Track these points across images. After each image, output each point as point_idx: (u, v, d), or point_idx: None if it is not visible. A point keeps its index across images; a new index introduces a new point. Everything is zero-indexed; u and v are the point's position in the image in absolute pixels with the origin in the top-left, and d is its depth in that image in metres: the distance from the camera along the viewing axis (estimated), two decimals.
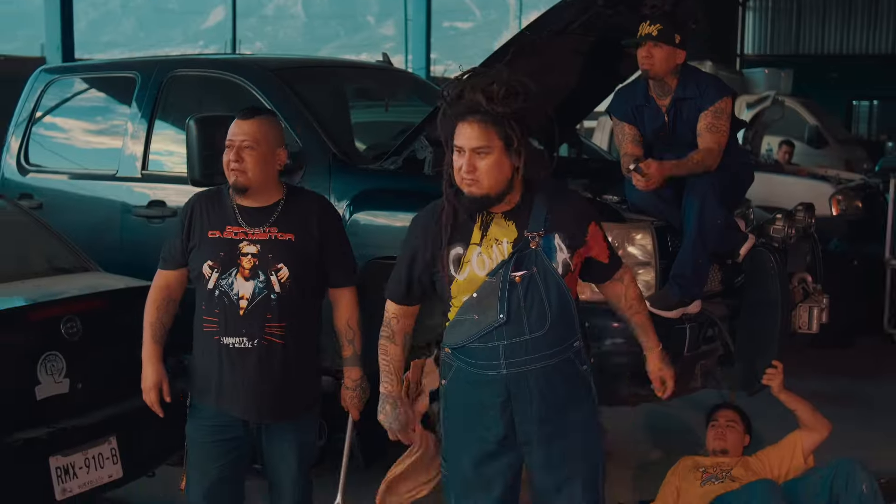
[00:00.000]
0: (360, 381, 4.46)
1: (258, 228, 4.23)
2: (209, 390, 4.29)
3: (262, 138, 4.21)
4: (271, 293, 4.19)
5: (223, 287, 4.19)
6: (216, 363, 4.24)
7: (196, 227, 4.29)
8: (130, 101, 6.86)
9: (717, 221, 5.25)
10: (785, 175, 12.08)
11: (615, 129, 5.68)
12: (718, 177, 5.29)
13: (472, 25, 48.53)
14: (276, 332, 4.20)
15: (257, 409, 4.27)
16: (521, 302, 3.72)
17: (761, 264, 5.46)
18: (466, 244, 3.76)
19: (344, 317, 4.39)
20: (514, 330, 3.73)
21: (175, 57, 7.37)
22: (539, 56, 5.55)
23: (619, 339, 4.96)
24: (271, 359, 4.21)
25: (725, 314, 5.51)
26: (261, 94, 6.18)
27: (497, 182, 3.66)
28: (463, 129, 3.63)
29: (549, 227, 3.74)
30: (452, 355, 3.87)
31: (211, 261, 4.22)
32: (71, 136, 7.54)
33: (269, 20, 56.66)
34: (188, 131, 5.59)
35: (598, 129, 14.26)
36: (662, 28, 5.28)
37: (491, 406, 3.81)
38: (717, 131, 5.30)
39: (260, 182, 4.22)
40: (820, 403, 5.47)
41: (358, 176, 5.78)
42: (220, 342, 4.21)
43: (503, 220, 3.75)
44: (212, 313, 4.22)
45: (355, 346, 4.41)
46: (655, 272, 5.18)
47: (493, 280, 3.72)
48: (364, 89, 7.51)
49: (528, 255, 3.72)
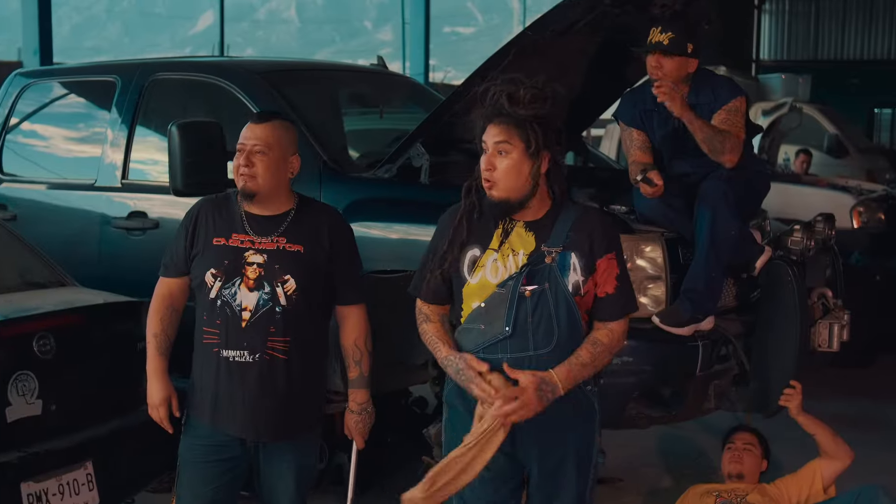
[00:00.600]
0: (365, 405, 4.46)
1: (266, 238, 4.23)
2: (206, 406, 4.28)
3: (275, 143, 4.22)
4: (276, 305, 4.18)
5: (226, 297, 4.19)
6: (214, 377, 4.23)
7: (201, 234, 4.29)
8: (110, 106, 6.84)
9: (731, 232, 5.21)
10: (803, 186, 12.04)
11: (622, 136, 5.64)
12: (732, 185, 5.25)
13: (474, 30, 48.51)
14: (280, 346, 4.19)
15: (255, 427, 4.25)
16: (528, 317, 3.77)
17: (778, 278, 5.41)
18: (484, 247, 3.86)
19: (351, 336, 4.40)
20: (519, 345, 3.78)
21: (157, 60, 7.35)
22: (542, 57, 5.51)
23: (625, 356, 4.88)
24: (273, 375, 4.20)
25: (740, 331, 5.46)
26: (247, 99, 6.16)
27: (515, 186, 3.76)
28: (489, 128, 3.79)
29: (569, 245, 3.80)
30: None
31: (214, 269, 4.22)
32: (47, 144, 7.53)
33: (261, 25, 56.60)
34: (170, 138, 5.56)
35: (606, 138, 14.27)
36: (674, 37, 5.24)
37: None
38: (732, 126, 5.27)
39: (270, 189, 4.22)
40: (840, 427, 5.43)
41: (350, 185, 5.75)
42: (220, 355, 4.20)
43: (524, 231, 3.84)
44: (212, 324, 4.22)
45: (362, 367, 4.41)
46: (666, 286, 5.14)
47: (502, 291, 3.79)
48: (358, 94, 7.49)
49: (541, 270, 3.78)
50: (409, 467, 5.80)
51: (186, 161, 5.51)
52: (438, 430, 5.41)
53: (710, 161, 5.35)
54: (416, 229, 5.31)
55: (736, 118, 5.29)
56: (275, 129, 4.25)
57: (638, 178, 5.16)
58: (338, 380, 4.97)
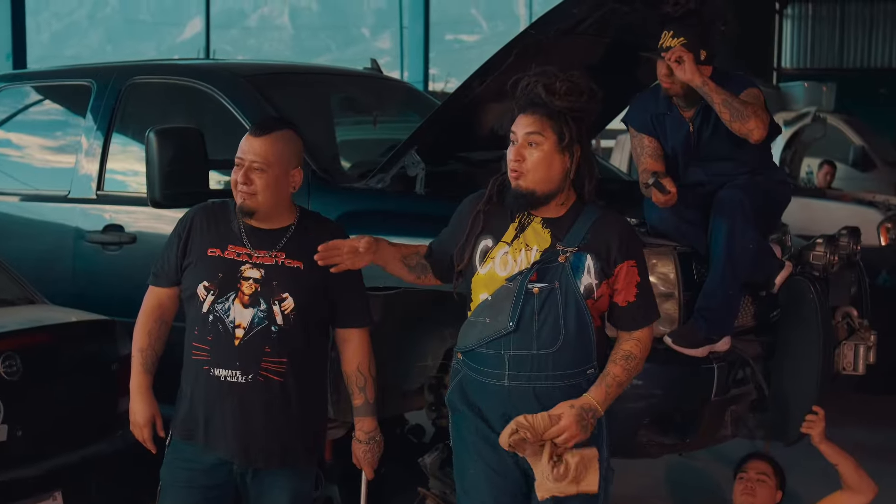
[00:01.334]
0: (373, 434, 4.45)
1: (264, 252, 4.23)
2: (193, 427, 4.26)
3: (275, 160, 4.20)
4: (272, 324, 4.18)
5: (218, 312, 4.18)
6: (203, 397, 4.22)
7: (195, 242, 4.29)
8: (85, 112, 6.82)
9: (749, 246, 5.16)
10: (827, 200, 12.02)
11: (632, 142, 5.60)
12: (750, 195, 5.21)
13: (478, 38, 48.74)
14: (275, 368, 4.18)
15: (245, 452, 4.23)
16: (535, 314, 3.89)
17: (800, 296, 5.36)
18: (497, 239, 4.00)
19: (354, 361, 4.39)
20: (522, 341, 3.91)
21: (135, 62, 7.33)
22: (546, 58, 5.42)
23: (636, 379, 4.77)
24: (267, 397, 4.19)
25: (759, 353, 5.41)
26: (231, 104, 6.15)
27: (544, 179, 3.90)
28: (520, 119, 3.93)
29: (585, 247, 3.93)
30: (462, 361, 4.07)
31: (207, 281, 4.21)
32: (18, 152, 7.51)
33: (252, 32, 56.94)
34: (148, 145, 5.53)
35: (616, 149, 14.25)
36: (687, 43, 5.20)
37: (494, 417, 3.98)
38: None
39: (270, 206, 4.23)
40: (864, 457, 5.38)
41: (340, 196, 5.72)
42: (210, 373, 4.19)
43: (541, 227, 3.98)
44: (203, 340, 4.20)
45: (367, 393, 4.40)
46: (679, 304, 5.09)
47: (510, 285, 3.93)
48: (350, 100, 7.46)
49: (553, 268, 3.91)
50: (404, 497, 5.79)
51: (165, 170, 5.48)
52: (435, 459, 5.38)
53: (726, 169, 5.34)
54: (412, 243, 5.27)
55: (755, 102, 5.24)
56: (275, 143, 4.21)
57: (650, 182, 5.11)
58: (329, 406, 4.93)
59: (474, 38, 44.60)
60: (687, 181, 5.38)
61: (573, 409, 3.84)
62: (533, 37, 5.37)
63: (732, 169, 5.36)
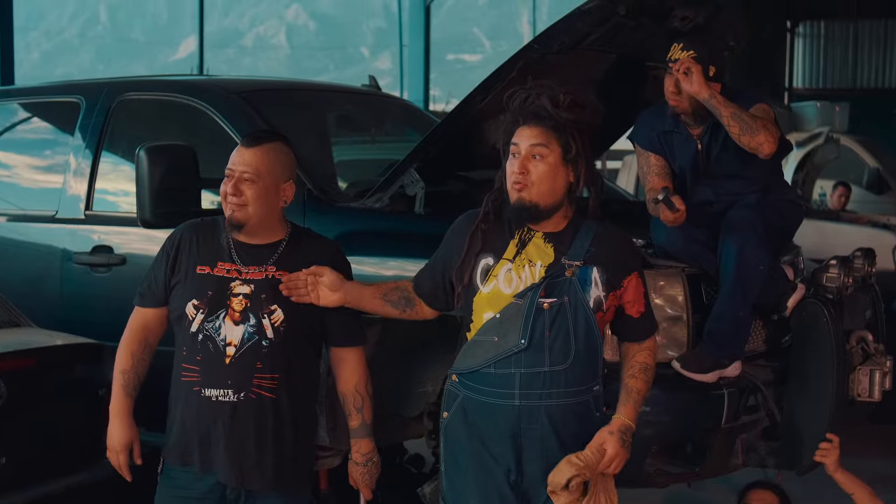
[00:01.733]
0: (370, 455, 4.47)
1: (254, 267, 4.25)
2: (184, 450, 4.25)
3: (266, 171, 4.22)
4: (263, 339, 4.19)
5: (208, 331, 4.18)
6: (195, 418, 4.21)
7: (183, 260, 4.29)
8: (73, 129, 6.81)
9: (760, 267, 5.15)
10: (841, 223, 12.00)
11: (639, 160, 5.59)
12: (761, 214, 5.21)
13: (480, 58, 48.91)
14: (267, 384, 4.19)
15: (239, 473, 4.21)
16: (545, 330, 3.93)
17: (813, 319, 5.34)
18: (498, 257, 4.03)
19: (351, 380, 4.42)
20: (534, 359, 3.94)
21: (125, 78, 7.32)
22: (549, 74, 5.42)
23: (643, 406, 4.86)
24: (260, 415, 4.19)
25: (770, 379, 5.39)
26: (224, 121, 6.14)
27: (549, 192, 3.95)
28: (523, 131, 3.97)
29: (590, 259, 3.99)
30: (460, 383, 4.07)
31: (196, 300, 4.22)
32: (3, 171, 7.51)
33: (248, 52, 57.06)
34: (138, 163, 5.53)
35: (623, 170, 14.24)
36: (696, 56, 5.20)
37: (499, 440, 3.99)
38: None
39: (259, 219, 4.24)
40: (881, 488, 5.36)
41: (337, 215, 5.70)
42: (201, 394, 4.18)
43: (542, 242, 4.03)
44: (192, 360, 4.21)
45: (364, 414, 4.42)
46: (687, 328, 5.08)
47: (519, 302, 3.95)
48: (347, 117, 7.45)
49: (561, 283, 3.96)
50: None
51: (156, 189, 5.48)
52: (434, 488, 5.34)
53: (736, 188, 5.33)
54: (412, 265, 5.23)
55: (765, 117, 5.22)
56: (267, 154, 4.23)
57: (659, 198, 5.08)
58: (324, 433, 4.91)
59: (477, 58, 44.65)
60: (695, 200, 5.35)
61: (614, 435, 3.99)
62: (536, 51, 5.36)
63: (742, 187, 5.35)
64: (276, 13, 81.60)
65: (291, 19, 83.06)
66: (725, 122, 5.10)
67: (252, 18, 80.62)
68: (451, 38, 36.39)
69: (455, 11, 72.55)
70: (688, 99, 5.23)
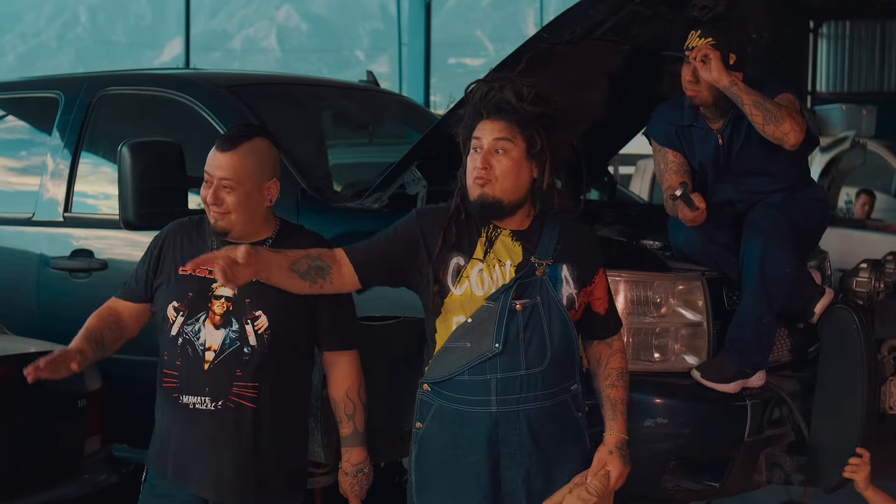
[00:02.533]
0: (362, 466, 4.45)
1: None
2: (163, 460, 4.26)
3: (246, 175, 4.19)
4: (245, 346, 4.18)
5: (188, 334, 4.20)
6: (171, 426, 4.23)
7: (167, 261, 4.31)
8: (51, 126, 6.79)
9: (786, 270, 5.13)
10: (868, 231, 12.00)
11: (655, 157, 5.58)
12: (786, 214, 5.20)
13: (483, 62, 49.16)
14: (248, 394, 4.18)
15: (217, 486, 4.22)
16: (520, 333, 3.98)
17: (842, 326, 5.32)
18: (468, 256, 4.04)
19: (342, 386, 4.39)
20: (510, 363, 3.98)
21: (107, 73, 7.31)
22: (559, 67, 5.46)
23: (660, 417, 4.91)
24: (239, 426, 4.19)
25: (796, 390, 5.37)
26: (212, 116, 6.14)
27: (513, 187, 3.98)
28: (485, 125, 4.01)
29: (559, 257, 4.06)
30: (433, 393, 4.09)
31: (177, 301, 4.24)
32: None
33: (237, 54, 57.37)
34: (121, 160, 5.51)
35: (636, 176, 14.20)
36: (715, 44, 5.18)
37: (476, 448, 4.02)
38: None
39: (244, 223, 4.23)
40: None
41: (333, 216, 5.69)
42: (179, 401, 4.19)
43: (510, 241, 4.06)
44: (172, 366, 4.22)
45: (356, 421, 4.40)
46: (708, 335, 5.08)
47: (491, 305, 3.98)
48: (343, 114, 7.44)
49: (532, 283, 4.00)
50: None
51: (139, 188, 5.47)
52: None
53: (760, 185, 5.33)
54: None
55: (790, 106, 5.21)
56: (244, 158, 4.20)
57: (678, 195, 5.06)
58: (318, 448, 4.88)
59: (479, 62, 44.84)
60: (716, 199, 5.35)
61: (614, 454, 4.12)
62: (546, 41, 5.35)
63: (766, 185, 5.35)
64: (267, 14, 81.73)
65: (282, 21, 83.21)
66: (748, 110, 5.08)
67: (241, 20, 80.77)
68: (453, 40, 36.42)
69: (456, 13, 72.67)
70: (707, 88, 5.21)
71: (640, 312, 4.97)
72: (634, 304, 4.97)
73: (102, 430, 5.26)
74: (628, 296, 4.96)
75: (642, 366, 4.96)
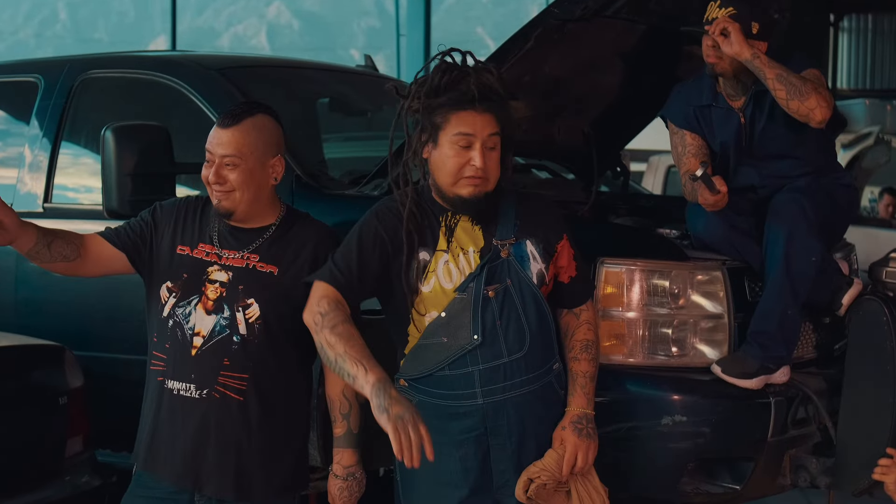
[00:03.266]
0: (353, 470, 4.40)
1: (235, 253, 4.29)
2: (144, 448, 4.30)
3: (249, 151, 4.23)
4: (234, 334, 4.22)
5: (178, 317, 4.25)
6: (155, 412, 4.27)
7: (166, 234, 4.34)
8: (31, 112, 6.78)
9: (812, 258, 5.10)
10: (894, 231, 11.98)
11: (672, 140, 5.54)
12: (813, 199, 5.16)
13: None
14: (235, 384, 4.21)
15: (195, 478, 4.24)
16: (496, 320, 4.06)
17: (871, 319, 5.28)
18: (432, 250, 4.11)
19: (338, 384, 4.35)
20: (491, 352, 4.06)
21: (89, 55, 7.30)
22: (570, 46, 5.46)
23: (678, 415, 4.85)
24: (223, 417, 4.21)
25: (823, 388, 5.32)
26: (201, 100, 6.12)
27: (496, 179, 4.09)
28: (469, 117, 4.00)
29: (520, 233, 4.15)
30: (411, 388, 4.16)
31: (171, 282, 4.28)
32: None
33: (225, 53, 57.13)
34: (104, 145, 5.52)
35: (648, 173, 14.13)
36: (736, 14, 5.16)
37: (464, 442, 4.10)
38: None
39: (249, 203, 4.29)
40: None
41: (330, 204, 5.64)
42: (164, 385, 4.23)
43: (470, 225, 4.14)
44: (161, 348, 4.27)
45: (351, 421, 4.38)
46: (729, 328, 5.04)
47: (463, 296, 4.06)
48: (339, 99, 7.41)
49: (499, 266, 4.08)
50: None
51: (124, 174, 5.47)
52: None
53: (784, 169, 5.30)
54: None
55: (815, 81, 5.18)
56: (248, 133, 4.24)
57: (698, 175, 5.03)
58: (313, 451, 4.86)
59: None
60: (737, 184, 5.32)
61: (567, 429, 4.17)
62: (557, 17, 5.34)
63: (791, 169, 5.32)
64: (256, 11, 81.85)
65: (273, 18, 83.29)
66: (771, 84, 5.05)
67: (229, 17, 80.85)
68: (453, 38, 36.40)
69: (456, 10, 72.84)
70: (729, 58, 5.17)
71: (656, 304, 4.93)
72: (650, 294, 4.92)
73: (85, 430, 5.22)
74: (644, 286, 4.92)
75: (659, 360, 4.94)
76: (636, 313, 4.89)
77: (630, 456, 4.83)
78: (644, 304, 4.91)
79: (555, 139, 6.30)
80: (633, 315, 4.89)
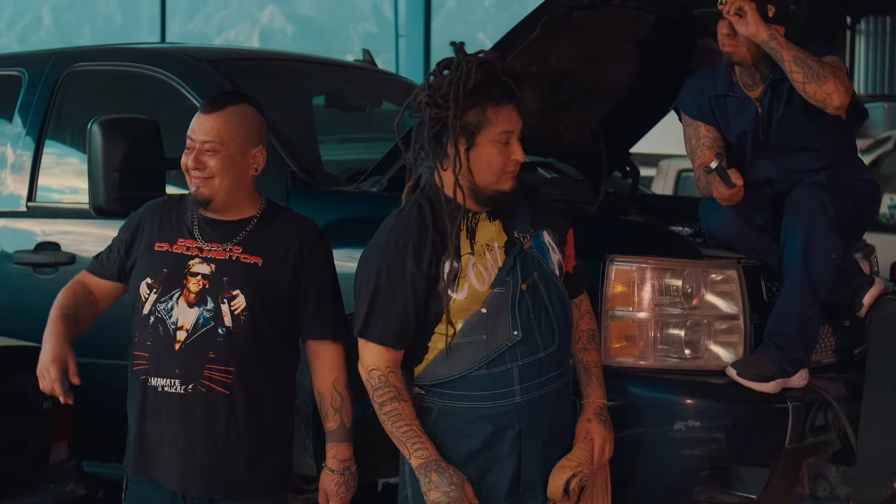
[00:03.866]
0: (348, 464, 4.44)
1: (218, 245, 4.33)
2: (134, 452, 4.32)
3: (230, 137, 4.27)
4: (219, 326, 4.26)
5: (160, 313, 4.27)
6: (139, 412, 4.29)
7: (143, 239, 4.39)
8: (14, 106, 6.78)
9: (831, 256, 5.09)
10: None
11: (686, 132, 5.53)
12: (832, 193, 5.14)
13: None
14: (220, 378, 4.23)
15: (183, 477, 4.27)
16: (530, 313, 4.09)
17: (892, 320, 5.28)
18: (458, 255, 4.08)
19: (328, 378, 4.41)
20: (529, 348, 4.09)
21: (75, 48, 7.31)
22: (578, 35, 5.45)
23: (692, 421, 4.83)
24: (208, 411, 4.23)
25: (843, 393, 5.29)
26: (192, 94, 6.13)
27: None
28: (509, 113, 4.05)
29: (536, 224, 4.20)
30: (430, 395, 4.14)
31: (150, 278, 4.31)
32: None
33: None
34: (91, 139, 5.54)
35: (658, 177, 14.12)
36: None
37: (499, 446, 4.10)
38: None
39: (227, 191, 4.31)
40: None
41: (326, 201, 5.67)
42: (147, 384, 4.25)
43: (488, 221, 4.17)
44: (143, 346, 4.29)
45: (343, 415, 4.42)
46: (745, 329, 5.03)
47: (501, 290, 4.07)
48: (336, 95, 7.41)
49: (525, 259, 4.12)
50: None
51: (112, 170, 5.49)
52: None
53: (803, 162, 5.29)
54: None
55: (835, 66, 5.17)
56: (229, 119, 4.29)
57: (713, 166, 5.01)
58: (309, 459, 4.84)
59: None
60: (754, 178, 5.31)
61: (593, 421, 4.28)
62: (564, 5, 5.32)
63: (810, 162, 5.31)
64: (249, 16, 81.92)
65: (266, 23, 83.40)
66: (787, 67, 5.05)
67: (221, 21, 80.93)
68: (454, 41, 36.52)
69: (457, 14, 72.87)
70: (746, 44, 5.17)
71: (668, 303, 4.92)
72: (662, 293, 4.91)
73: (70, 436, 5.21)
74: (655, 285, 4.91)
75: (671, 363, 4.93)
76: (647, 313, 4.88)
77: (641, 463, 4.80)
78: (656, 304, 4.90)
79: (561, 135, 6.30)
80: (644, 315, 4.88)
